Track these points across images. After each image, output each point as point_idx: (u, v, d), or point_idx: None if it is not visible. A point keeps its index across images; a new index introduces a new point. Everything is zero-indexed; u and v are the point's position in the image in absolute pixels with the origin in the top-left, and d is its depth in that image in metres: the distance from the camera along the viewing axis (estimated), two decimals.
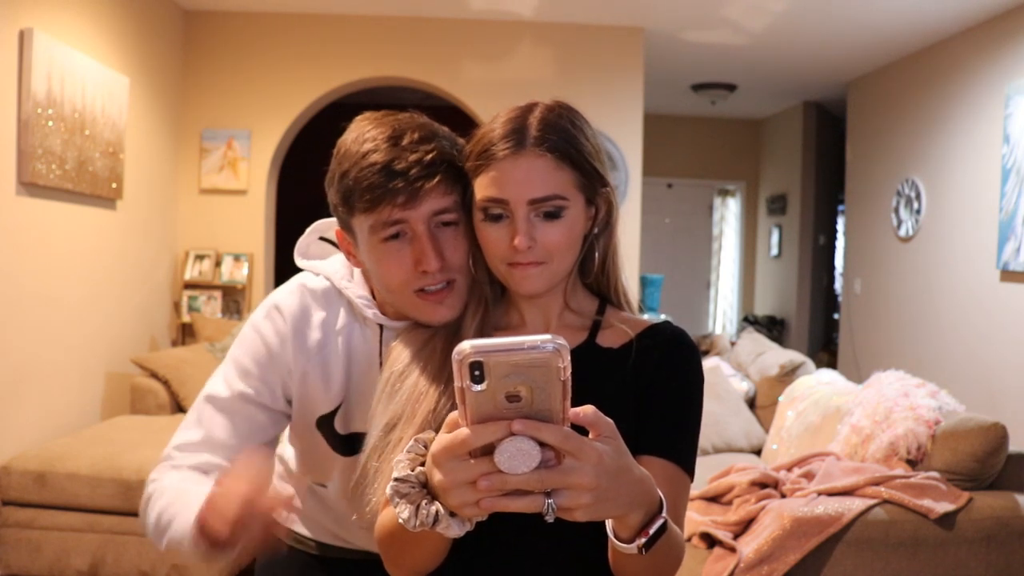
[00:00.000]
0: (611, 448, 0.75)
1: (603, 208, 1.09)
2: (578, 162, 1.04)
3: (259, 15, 4.73)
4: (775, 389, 3.79)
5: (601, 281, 1.13)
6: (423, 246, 1.05)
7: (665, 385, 1.04)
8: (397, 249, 1.07)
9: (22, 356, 3.25)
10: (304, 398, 1.23)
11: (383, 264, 1.08)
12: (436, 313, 1.08)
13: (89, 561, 2.98)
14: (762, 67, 5.78)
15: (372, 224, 1.06)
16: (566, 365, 0.70)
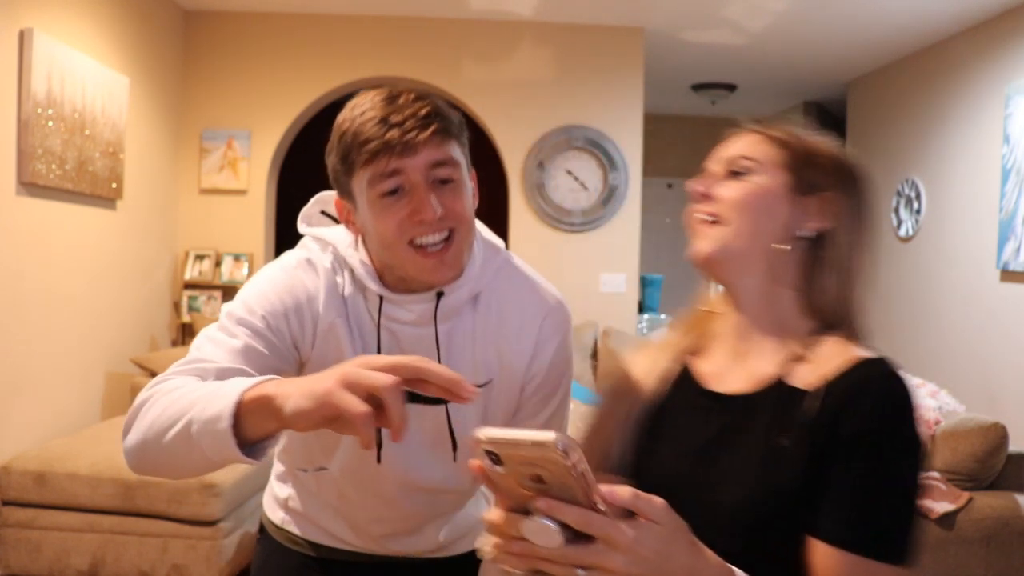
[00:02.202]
0: (654, 534, 0.71)
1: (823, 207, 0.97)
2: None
3: (259, 15, 4.73)
4: None
5: (821, 298, 0.97)
6: (421, 195, 1.05)
7: (860, 445, 0.85)
8: (394, 202, 1.06)
9: (22, 356, 3.25)
10: (323, 355, 1.14)
11: (381, 218, 1.06)
12: (437, 272, 1.08)
13: (89, 561, 2.98)
14: (762, 67, 5.78)
15: (371, 177, 1.05)
16: (575, 462, 0.68)
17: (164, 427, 0.96)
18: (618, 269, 4.96)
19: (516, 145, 4.89)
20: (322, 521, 1.36)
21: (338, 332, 1.15)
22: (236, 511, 3.10)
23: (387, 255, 1.10)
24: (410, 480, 1.26)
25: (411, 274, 1.10)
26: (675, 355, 1.06)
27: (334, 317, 1.15)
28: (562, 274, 4.92)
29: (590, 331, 4.70)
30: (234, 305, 1.16)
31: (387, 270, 1.14)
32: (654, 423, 1.01)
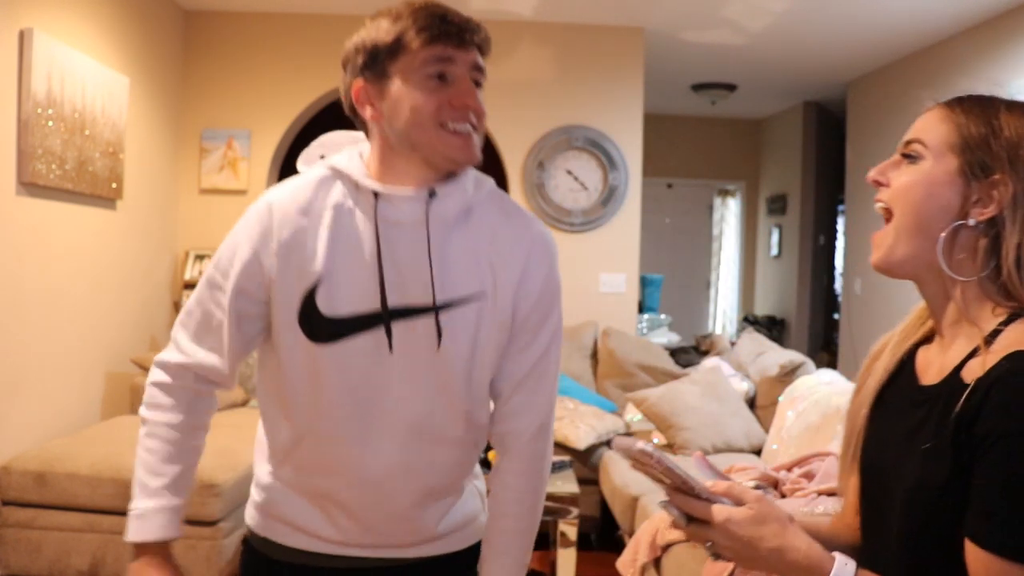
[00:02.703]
0: (743, 516, 0.91)
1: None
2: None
3: (259, 15, 4.73)
4: (775, 389, 3.79)
5: (1003, 286, 0.93)
6: (467, 86, 1.16)
7: (992, 445, 0.84)
8: (439, 86, 1.15)
9: (22, 356, 3.25)
10: (286, 273, 1.20)
11: (424, 97, 1.15)
12: (464, 151, 1.17)
13: (89, 561, 2.98)
14: (762, 67, 5.78)
15: (425, 58, 1.14)
16: (653, 463, 0.91)
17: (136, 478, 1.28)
18: (618, 269, 4.96)
19: (516, 145, 4.89)
20: (306, 519, 1.29)
21: (293, 246, 1.20)
22: (236, 511, 3.10)
23: (416, 133, 1.16)
24: (403, 411, 1.22)
25: (438, 151, 1.17)
26: (906, 345, 1.09)
27: (288, 231, 1.20)
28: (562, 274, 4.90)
29: (590, 331, 4.70)
30: (211, 272, 1.28)
31: (392, 164, 1.21)
32: (874, 412, 1.06)
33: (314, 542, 1.31)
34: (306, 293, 1.19)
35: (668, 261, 8.06)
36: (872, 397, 1.07)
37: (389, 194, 1.19)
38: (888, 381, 1.06)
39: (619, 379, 4.50)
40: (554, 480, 3.22)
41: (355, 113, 1.23)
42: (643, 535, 2.65)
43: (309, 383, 1.22)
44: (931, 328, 1.06)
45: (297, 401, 1.24)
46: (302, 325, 1.20)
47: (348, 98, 1.23)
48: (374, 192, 1.19)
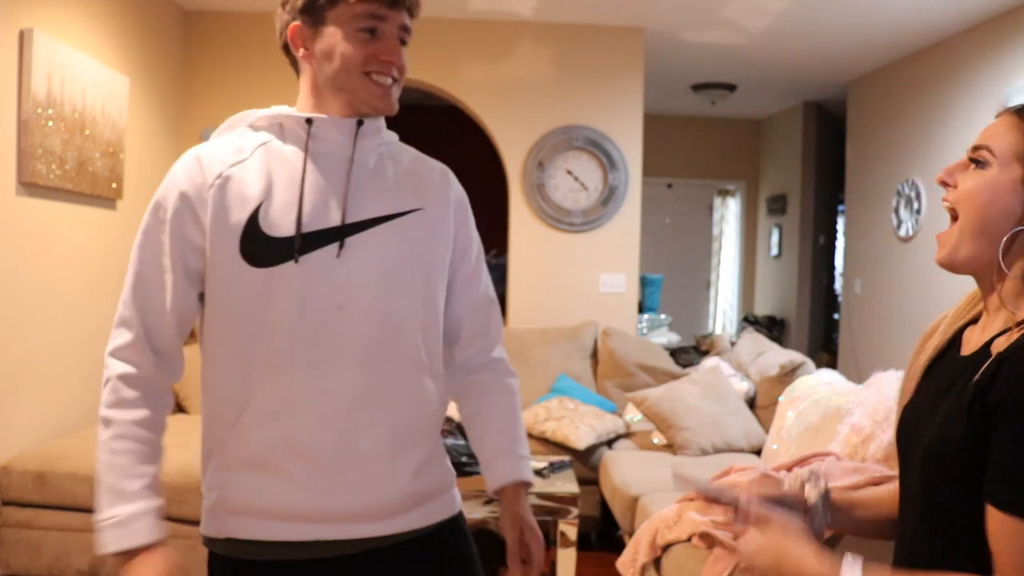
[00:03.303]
0: (763, 539, 1.04)
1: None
2: None
3: (259, 15, 4.73)
4: (775, 389, 3.79)
5: None
6: (393, 44, 1.28)
7: (1003, 413, 0.91)
8: (368, 39, 1.26)
9: (22, 356, 3.25)
10: (223, 206, 1.24)
11: (354, 47, 1.25)
12: (384, 100, 1.28)
13: (89, 561, 2.98)
14: (762, 67, 5.78)
15: (356, 13, 1.24)
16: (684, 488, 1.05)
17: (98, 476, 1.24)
18: (618, 269, 4.96)
19: (516, 145, 4.89)
20: (265, 494, 1.23)
21: (230, 184, 1.25)
22: None
23: (343, 78, 1.26)
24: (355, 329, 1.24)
25: (361, 97, 1.27)
26: (957, 325, 1.13)
27: (218, 174, 1.26)
28: (562, 274, 4.92)
29: (590, 331, 4.70)
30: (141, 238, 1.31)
31: (321, 101, 1.30)
32: (920, 385, 1.13)
33: (279, 527, 1.24)
34: (248, 217, 1.23)
35: (668, 261, 8.06)
36: (921, 372, 1.13)
37: (321, 119, 1.28)
38: (937, 357, 1.13)
39: (619, 379, 4.50)
40: (554, 480, 3.22)
41: (287, 50, 1.34)
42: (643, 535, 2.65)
43: (256, 317, 1.23)
44: (980, 310, 1.11)
45: (246, 342, 1.24)
46: (244, 252, 1.23)
47: (283, 37, 1.33)
48: (307, 119, 1.28)
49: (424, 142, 2.74)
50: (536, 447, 3.77)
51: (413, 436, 1.31)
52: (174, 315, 1.27)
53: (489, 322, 1.49)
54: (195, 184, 1.26)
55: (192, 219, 1.25)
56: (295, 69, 1.35)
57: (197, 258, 1.26)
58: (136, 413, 1.25)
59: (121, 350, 1.28)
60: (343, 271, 1.24)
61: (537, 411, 3.95)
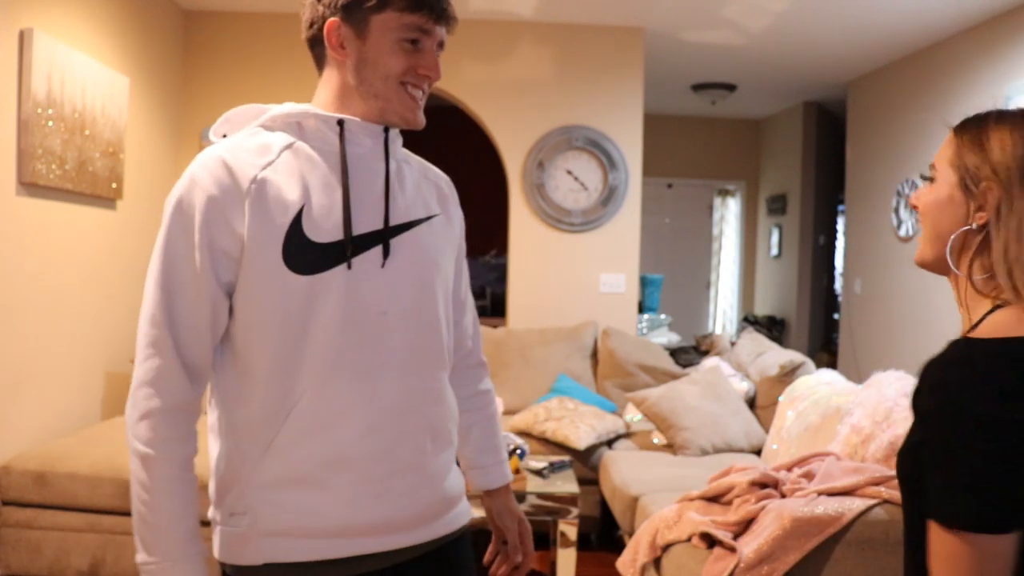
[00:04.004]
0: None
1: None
2: None
3: (259, 15, 4.74)
4: (775, 389, 3.79)
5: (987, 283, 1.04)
6: (434, 59, 1.26)
7: (922, 422, 0.96)
8: (409, 51, 1.24)
9: (22, 356, 3.25)
10: (262, 212, 1.16)
11: (395, 56, 1.23)
12: (415, 112, 1.27)
13: (89, 561, 2.98)
14: (762, 67, 5.78)
15: (404, 23, 1.22)
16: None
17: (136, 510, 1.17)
18: (618, 269, 4.96)
19: (516, 145, 4.89)
20: (307, 510, 1.19)
21: (267, 187, 1.18)
22: None
23: (380, 84, 1.24)
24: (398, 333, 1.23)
25: (393, 107, 1.25)
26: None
27: (256, 177, 1.18)
28: (562, 274, 4.92)
29: (590, 331, 4.70)
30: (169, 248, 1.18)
31: (349, 102, 1.27)
32: None
33: (323, 545, 1.20)
34: (291, 223, 1.18)
35: (668, 261, 8.06)
36: None
37: (353, 122, 1.25)
38: None
39: (619, 379, 4.50)
40: (554, 480, 3.22)
41: (316, 44, 1.28)
42: (643, 535, 2.65)
43: (299, 326, 1.18)
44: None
45: (288, 353, 1.18)
46: (287, 259, 1.17)
47: (314, 30, 1.27)
48: (339, 121, 1.25)
49: (424, 142, 2.75)
50: (536, 447, 3.77)
51: (444, 438, 1.31)
52: (210, 331, 1.19)
53: (476, 324, 1.54)
54: (225, 189, 1.16)
55: (224, 226, 1.16)
56: (318, 64, 1.31)
57: (230, 268, 1.17)
58: (178, 452, 1.17)
59: (155, 378, 1.16)
60: (385, 275, 1.23)
61: (537, 411, 3.95)
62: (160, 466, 1.15)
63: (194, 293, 1.17)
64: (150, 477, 1.14)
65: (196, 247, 1.16)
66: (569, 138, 4.87)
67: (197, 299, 1.17)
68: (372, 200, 1.24)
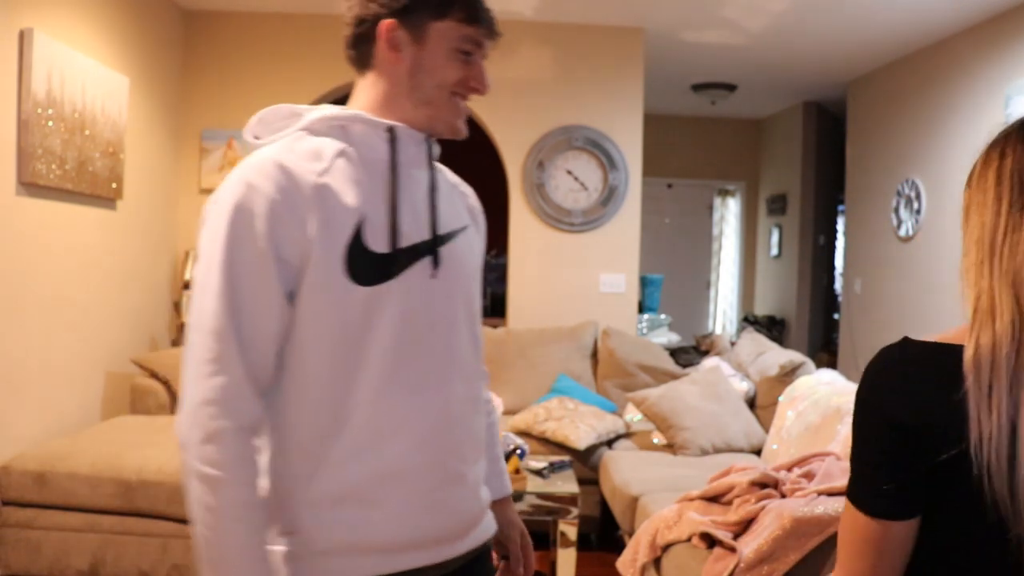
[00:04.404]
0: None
1: None
2: None
3: (259, 15, 4.74)
4: (775, 389, 3.79)
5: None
6: (483, 72, 1.26)
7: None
8: (464, 61, 1.24)
9: (22, 356, 3.25)
10: (324, 220, 1.12)
11: (450, 65, 1.23)
12: (463, 124, 1.28)
13: (89, 561, 2.98)
14: (762, 67, 5.78)
15: (462, 34, 1.22)
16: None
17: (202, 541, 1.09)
18: (618, 269, 4.96)
19: (516, 145, 4.89)
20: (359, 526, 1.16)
21: (329, 192, 1.15)
22: None
23: (433, 92, 1.23)
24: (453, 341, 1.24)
25: (442, 116, 1.25)
26: None
27: (318, 182, 1.15)
28: (562, 274, 4.92)
29: (590, 331, 4.70)
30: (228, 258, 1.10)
31: (396, 107, 1.24)
32: None
33: (376, 561, 1.17)
34: (353, 232, 1.14)
35: (668, 261, 8.06)
36: None
37: (401, 129, 1.23)
38: None
39: (619, 379, 4.50)
40: (554, 480, 3.22)
41: (361, 42, 1.23)
42: (643, 535, 2.65)
43: (357, 339, 1.14)
44: None
45: (344, 367, 1.15)
46: (350, 269, 1.13)
47: (364, 27, 1.22)
48: (389, 128, 1.22)
49: None
50: (536, 447, 3.77)
51: (480, 448, 1.32)
52: (276, 345, 1.12)
53: (482, 334, 1.54)
54: (288, 195, 1.11)
55: (288, 235, 1.10)
56: (359, 62, 1.25)
57: (291, 278, 1.12)
58: (248, 473, 1.10)
59: (222, 397, 1.08)
60: (435, 286, 1.22)
61: (537, 411, 3.95)
62: (230, 489, 1.07)
63: (262, 305, 1.11)
64: (219, 501, 1.07)
65: (262, 256, 1.10)
66: (569, 138, 4.87)
67: (265, 311, 1.11)
68: (420, 209, 1.23)
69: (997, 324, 0.90)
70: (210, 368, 1.08)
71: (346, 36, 1.25)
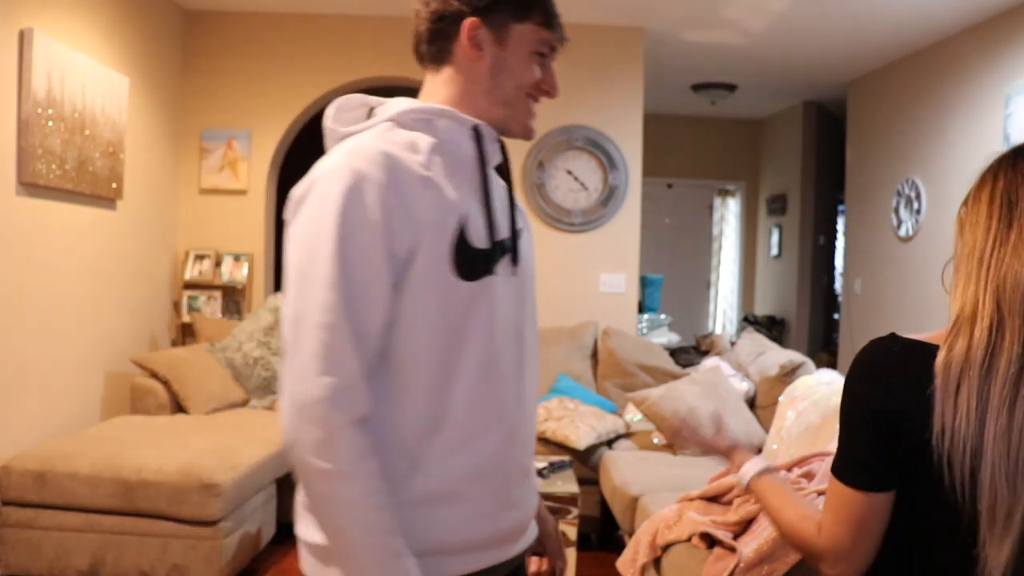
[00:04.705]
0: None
1: None
2: None
3: (259, 15, 4.74)
4: (775, 389, 3.79)
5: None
6: (554, 76, 1.31)
7: None
8: (539, 64, 1.28)
9: (22, 356, 3.25)
10: (436, 216, 1.11)
11: (528, 68, 1.26)
12: (534, 124, 1.31)
13: (89, 561, 2.98)
14: (762, 67, 5.78)
15: (541, 38, 1.26)
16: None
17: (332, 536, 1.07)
18: (618, 269, 4.96)
19: (516, 145, 4.90)
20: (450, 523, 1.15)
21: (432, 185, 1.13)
22: (236, 511, 3.10)
23: (512, 92, 1.26)
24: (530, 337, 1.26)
25: (518, 117, 1.28)
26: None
27: (423, 175, 1.13)
28: (562, 274, 4.92)
29: (590, 331, 4.70)
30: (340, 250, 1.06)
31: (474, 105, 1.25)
32: None
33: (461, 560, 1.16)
34: (457, 229, 1.13)
35: (668, 261, 8.06)
36: None
37: (484, 127, 1.24)
38: None
39: (619, 379, 4.50)
40: (554, 480, 3.22)
41: (439, 38, 1.22)
42: (643, 535, 2.65)
43: (457, 335, 1.13)
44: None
45: (444, 363, 1.13)
46: (456, 263, 1.12)
47: (446, 24, 1.21)
48: (475, 127, 1.23)
49: None
50: (536, 447, 3.76)
51: (535, 443, 1.33)
52: (381, 340, 1.09)
53: None
54: (398, 185, 1.09)
55: (399, 226, 1.08)
56: (433, 58, 1.24)
57: (399, 269, 1.09)
58: (374, 465, 1.06)
59: (338, 393, 1.04)
60: (515, 282, 1.22)
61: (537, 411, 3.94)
62: (362, 482, 1.04)
63: (373, 297, 1.07)
64: (352, 495, 1.04)
65: (376, 246, 1.07)
66: (569, 138, 4.87)
67: (376, 303, 1.07)
68: (502, 207, 1.24)
69: (976, 329, 1.01)
70: (323, 364, 1.04)
71: (420, 31, 1.24)
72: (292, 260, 1.09)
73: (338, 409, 1.03)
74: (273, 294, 4.59)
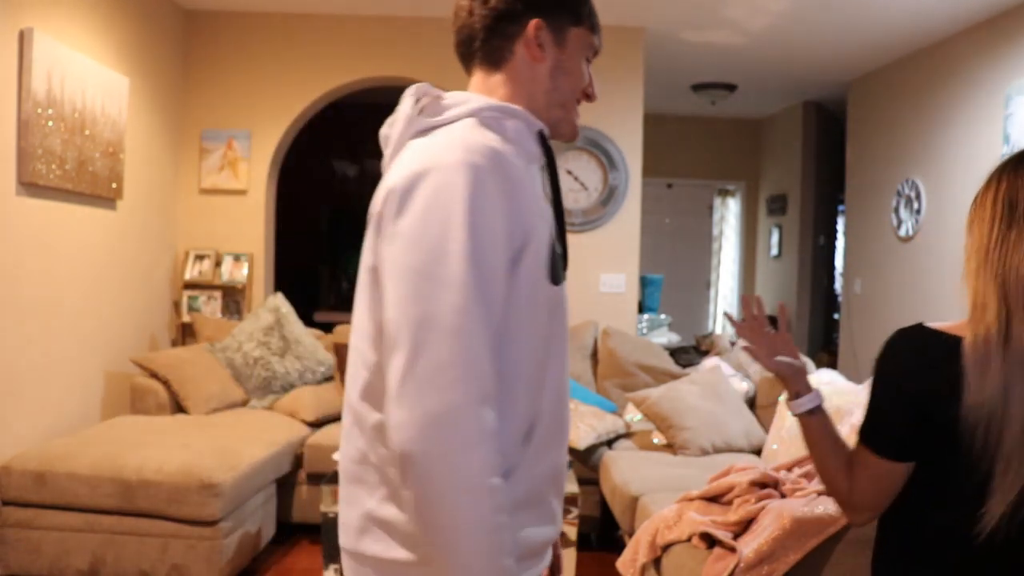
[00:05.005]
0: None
1: None
2: None
3: (259, 15, 4.74)
4: (775, 389, 3.79)
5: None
6: (593, 81, 1.28)
7: None
8: (587, 68, 1.27)
9: (22, 356, 3.25)
10: (539, 219, 1.10)
11: (582, 71, 1.25)
12: (577, 123, 1.28)
13: (89, 561, 2.98)
14: (762, 67, 5.78)
15: (589, 42, 1.25)
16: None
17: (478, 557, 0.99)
18: (618, 269, 4.96)
19: None
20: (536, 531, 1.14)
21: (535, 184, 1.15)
22: (236, 511, 3.10)
23: (567, 97, 1.25)
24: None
25: (568, 119, 1.27)
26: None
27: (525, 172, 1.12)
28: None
29: (590, 331, 4.70)
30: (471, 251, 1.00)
31: (531, 107, 1.23)
32: None
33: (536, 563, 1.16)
34: (551, 233, 1.11)
35: (668, 261, 8.06)
36: None
37: (546, 131, 1.24)
38: None
39: (619, 379, 4.50)
40: None
41: (498, 36, 1.20)
42: (643, 535, 2.65)
43: (545, 339, 1.11)
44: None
45: (538, 367, 1.11)
46: (549, 268, 1.09)
47: (507, 23, 1.19)
48: (540, 131, 1.21)
49: None
50: None
51: None
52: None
53: None
54: (512, 183, 1.05)
55: (516, 226, 1.04)
56: (491, 59, 1.22)
57: (510, 272, 1.06)
58: (500, 479, 1.01)
59: (484, 399, 0.99)
60: (566, 288, 1.20)
61: None
62: (491, 498, 0.98)
63: (499, 301, 1.02)
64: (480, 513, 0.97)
65: (502, 248, 1.02)
66: None
67: (499, 308, 1.03)
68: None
69: (988, 316, 1.17)
70: (462, 370, 0.97)
71: (475, 29, 1.22)
72: (406, 258, 1.01)
73: (478, 418, 0.97)
74: (273, 294, 4.59)
